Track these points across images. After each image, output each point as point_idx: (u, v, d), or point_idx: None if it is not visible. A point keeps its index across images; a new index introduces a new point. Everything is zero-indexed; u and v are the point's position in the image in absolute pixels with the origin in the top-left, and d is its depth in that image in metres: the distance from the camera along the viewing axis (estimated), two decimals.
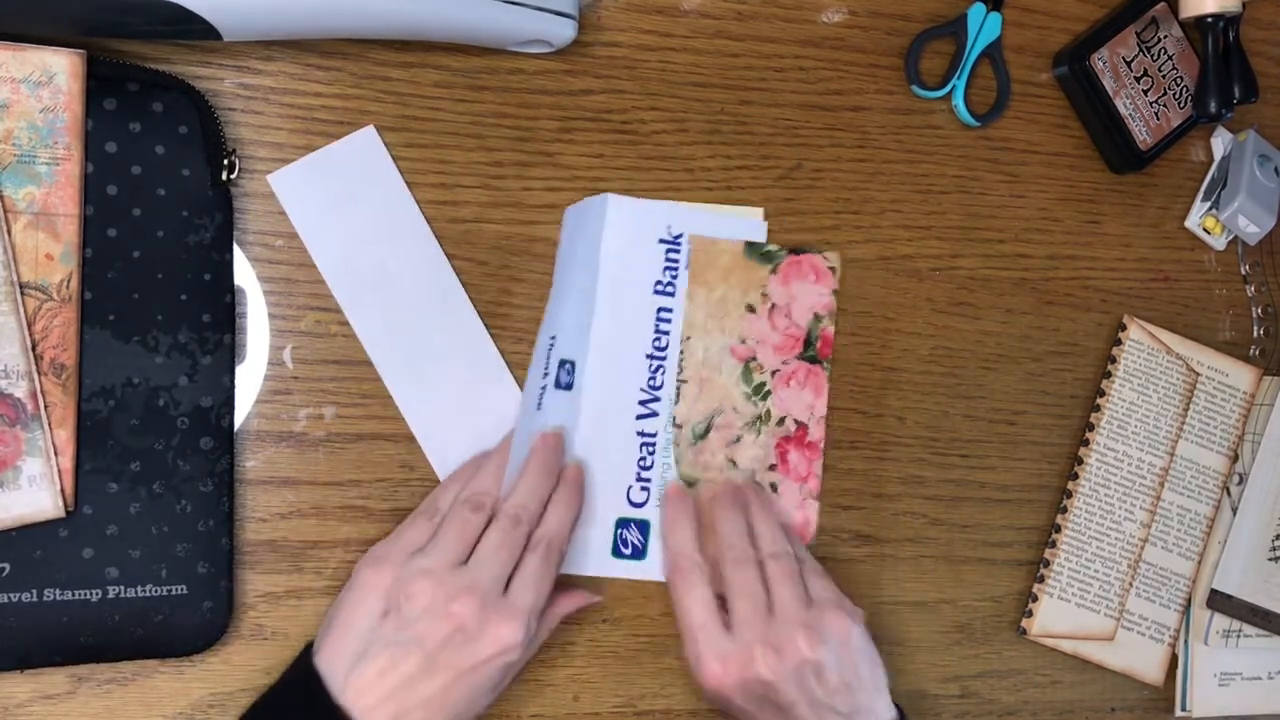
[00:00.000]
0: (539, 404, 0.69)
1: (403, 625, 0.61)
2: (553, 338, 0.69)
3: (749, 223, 0.73)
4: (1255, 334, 0.85)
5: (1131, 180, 0.82)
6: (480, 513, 0.65)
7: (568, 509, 0.67)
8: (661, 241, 0.71)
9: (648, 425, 0.71)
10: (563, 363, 0.70)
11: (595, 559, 0.71)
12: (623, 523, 0.71)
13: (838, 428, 0.76)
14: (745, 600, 0.67)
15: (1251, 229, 0.82)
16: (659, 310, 0.71)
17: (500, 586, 0.62)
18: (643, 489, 0.71)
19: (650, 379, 0.71)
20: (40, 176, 0.59)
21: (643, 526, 0.72)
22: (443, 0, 0.62)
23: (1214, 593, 0.82)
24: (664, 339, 0.71)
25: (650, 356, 0.71)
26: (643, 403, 0.71)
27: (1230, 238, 0.83)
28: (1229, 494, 0.83)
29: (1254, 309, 0.85)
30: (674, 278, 0.72)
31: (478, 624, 0.61)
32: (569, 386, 0.70)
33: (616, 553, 0.71)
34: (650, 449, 0.72)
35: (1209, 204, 0.83)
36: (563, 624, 0.71)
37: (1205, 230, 0.83)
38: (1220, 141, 0.83)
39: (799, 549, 0.72)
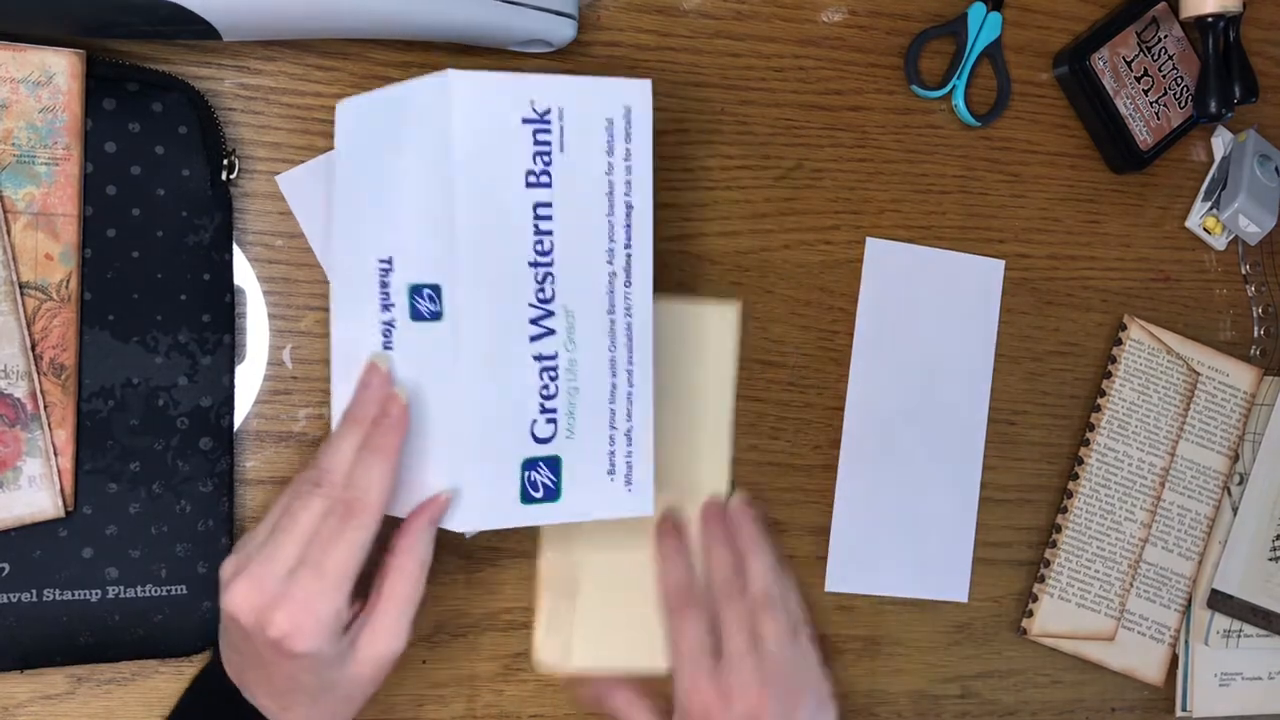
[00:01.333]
0: (386, 343, 0.60)
1: (229, 633, 0.58)
2: (384, 260, 0.60)
3: (631, 84, 0.61)
4: (1256, 334, 0.85)
5: (1132, 180, 0.82)
6: (312, 487, 0.58)
7: (376, 455, 0.57)
8: (527, 122, 0.58)
9: (545, 346, 0.60)
10: (417, 289, 0.59)
11: (502, 509, 0.60)
12: (530, 463, 0.60)
13: (838, 428, 0.76)
14: (736, 639, 0.63)
15: (1252, 229, 0.82)
16: (536, 207, 0.58)
17: (284, 566, 0.55)
18: (549, 421, 0.60)
19: (539, 290, 0.59)
20: (40, 177, 0.59)
21: (552, 464, 0.61)
22: (443, 0, 0.62)
23: (1214, 592, 0.82)
24: (547, 240, 0.59)
25: (535, 264, 0.59)
26: (535, 320, 0.59)
27: (1231, 238, 0.83)
28: (1229, 494, 0.83)
29: (1254, 309, 0.85)
30: (548, 164, 0.59)
31: (248, 614, 0.55)
32: (435, 316, 0.58)
33: (526, 498, 0.60)
34: (552, 374, 0.60)
35: (1209, 204, 0.83)
36: None
37: (1206, 230, 0.83)
38: (1220, 141, 0.83)
39: (789, 596, 0.67)
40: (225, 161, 0.63)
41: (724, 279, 0.74)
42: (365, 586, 0.57)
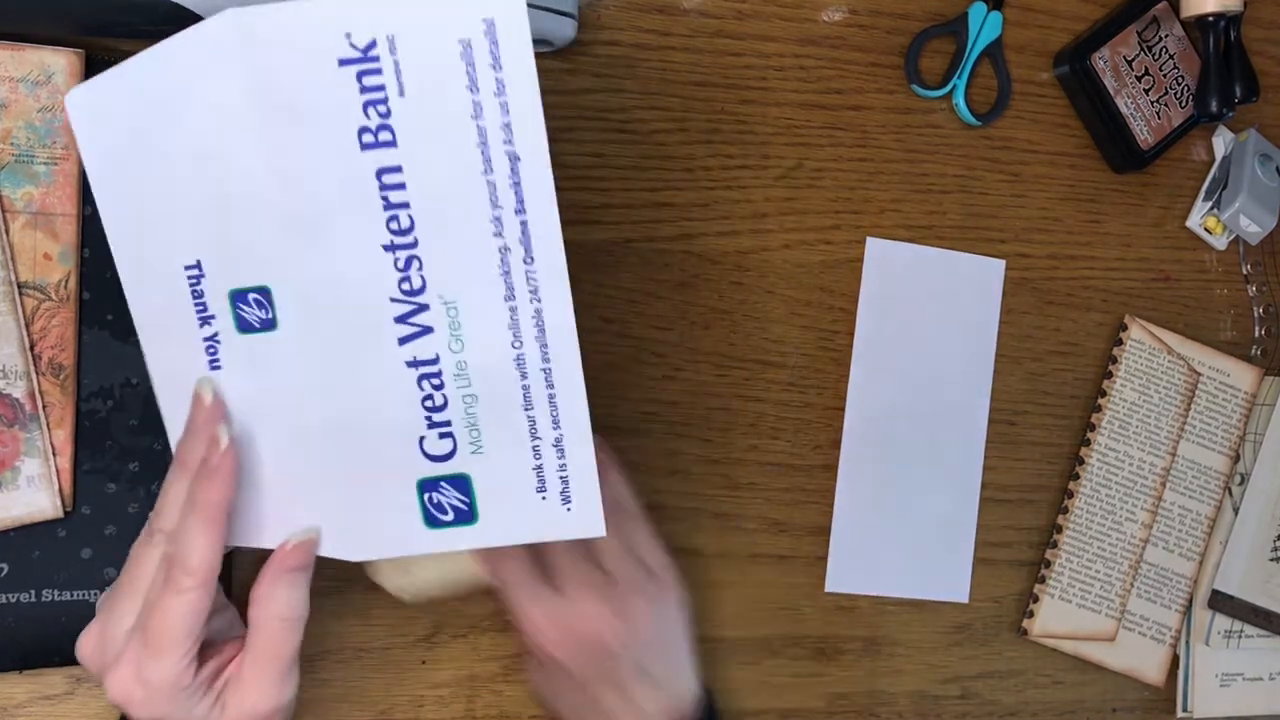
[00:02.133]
0: (213, 362, 0.50)
1: None
2: (192, 266, 0.49)
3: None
4: (1256, 334, 0.85)
5: (1132, 180, 0.82)
6: (149, 533, 0.53)
7: (196, 509, 0.49)
8: (346, 63, 0.44)
9: (421, 349, 0.49)
10: (239, 295, 0.48)
11: (402, 535, 0.51)
12: (427, 484, 0.51)
13: (838, 428, 0.76)
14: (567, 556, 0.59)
15: (1253, 229, 0.82)
16: (380, 174, 0.46)
17: (123, 625, 0.51)
18: (442, 436, 0.50)
19: (402, 279, 0.47)
20: (38, 176, 0.59)
21: (459, 482, 0.51)
22: None
23: (1215, 593, 0.82)
24: (403, 215, 0.46)
25: (391, 247, 0.47)
26: (402, 319, 0.48)
27: (1232, 237, 0.83)
28: (1230, 494, 0.83)
29: (1255, 309, 0.85)
30: (385, 115, 0.45)
31: (100, 676, 0.51)
32: (268, 325, 0.48)
33: (432, 521, 0.51)
34: (436, 380, 0.49)
35: (1210, 204, 0.82)
36: None
37: (1206, 230, 0.83)
38: (1221, 141, 0.83)
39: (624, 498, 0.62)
40: None
41: (724, 279, 0.74)
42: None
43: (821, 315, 0.76)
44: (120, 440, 0.61)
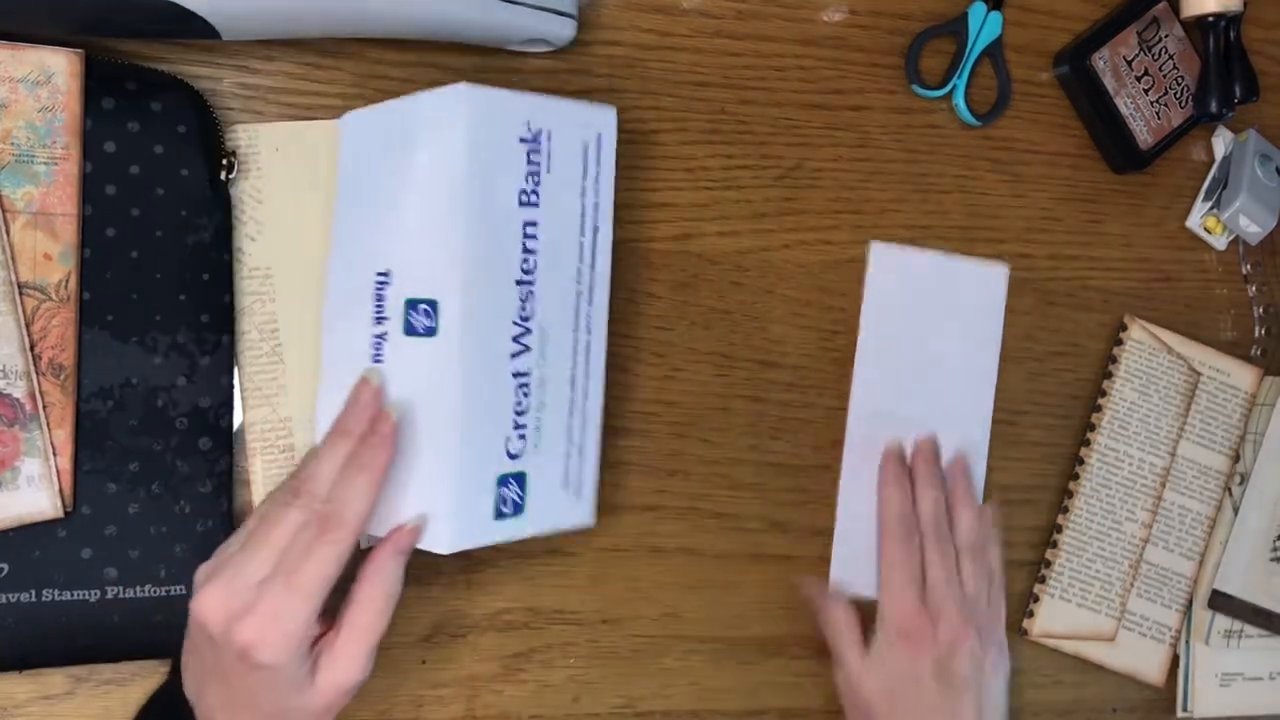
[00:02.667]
0: (376, 356, 0.60)
1: (195, 639, 0.57)
2: (382, 273, 0.60)
3: (599, 110, 0.64)
4: (1256, 333, 0.85)
5: (1132, 180, 0.82)
6: (291, 497, 0.57)
7: (362, 473, 0.56)
8: (523, 141, 0.60)
9: (521, 364, 0.61)
10: (413, 304, 0.58)
11: (478, 527, 0.60)
12: (503, 480, 0.61)
13: (838, 427, 0.76)
14: (941, 574, 0.70)
15: (1253, 229, 0.82)
16: (525, 225, 0.60)
17: (256, 576, 0.54)
18: (520, 437, 0.61)
19: (521, 309, 0.60)
20: (39, 176, 0.59)
21: (520, 479, 0.62)
22: (443, 0, 0.62)
23: (1215, 593, 0.82)
24: (531, 259, 0.60)
25: (520, 282, 0.60)
26: (516, 338, 0.60)
27: (1231, 237, 0.83)
28: (1230, 494, 0.83)
29: (1255, 309, 0.85)
30: (537, 185, 0.60)
31: (215, 622, 0.54)
32: (429, 332, 0.58)
33: (498, 514, 0.61)
34: (525, 390, 0.61)
35: (1210, 204, 0.82)
36: (563, 624, 0.71)
37: (1206, 230, 0.83)
38: (1221, 141, 0.83)
39: (991, 550, 0.74)
40: (225, 161, 0.63)
41: (724, 279, 0.74)
42: (336, 607, 0.56)
43: (821, 315, 0.76)
44: (120, 440, 0.61)
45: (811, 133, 0.75)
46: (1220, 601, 0.82)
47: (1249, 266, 0.85)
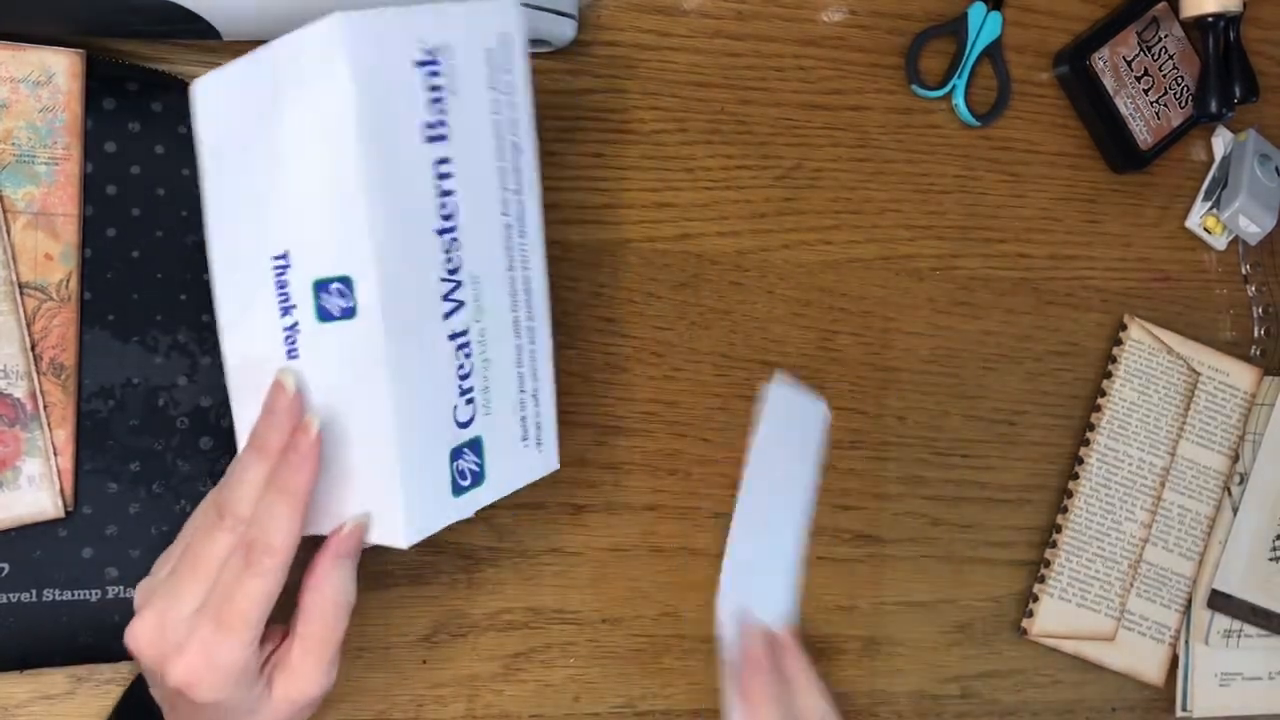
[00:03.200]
0: (291, 351, 0.52)
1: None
2: (279, 257, 0.51)
3: (497, 7, 0.53)
4: (1256, 334, 0.85)
5: (1132, 180, 0.82)
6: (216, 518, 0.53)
7: (282, 495, 0.50)
8: (419, 65, 0.49)
9: (456, 322, 0.52)
10: (323, 284, 0.50)
11: (437, 510, 0.54)
12: (457, 452, 0.54)
13: (838, 427, 0.76)
14: None
15: (1252, 229, 0.82)
16: (437, 164, 0.50)
17: (186, 608, 0.51)
18: (468, 402, 0.54)
19: (447, 262, 0.51)
20: (39, 176, 0.59)
21: (476, 445, 0.55)
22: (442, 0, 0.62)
23: (1215, 593, 0.82)
24: (450, 202, 0.51)
25: (442, 231, 0.51)
26: (447, 295, 0.52)
27: (1231, 237, 0.83)
28: (1230, 494, 0.83)
29: (1255, 309, 0.85)
30: (444, 113, 0.50)
31: (149, 657, 0.51)
32: (347, 314, 0.50)
33: (456, 489, 0.54)
34: (466, 351, 0.53)
35: (1210, 204, 0.82)
36: (563, 624, 0.71)
37: (1206, 230, 0.83)
38: (1221, 141, 0.83)
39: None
40: None
41: (724, 279, 0.74)
42: (288, 616, 0.54)
43: (821, 315, 0.76)
44: (121, 440, 0.61)
45: (811, 133, 0.75)
46: (1219, 601, 0.82)
47: (1248, 266, 0.85)
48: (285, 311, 0.51)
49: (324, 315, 0.50)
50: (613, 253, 0.72)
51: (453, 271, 0.52)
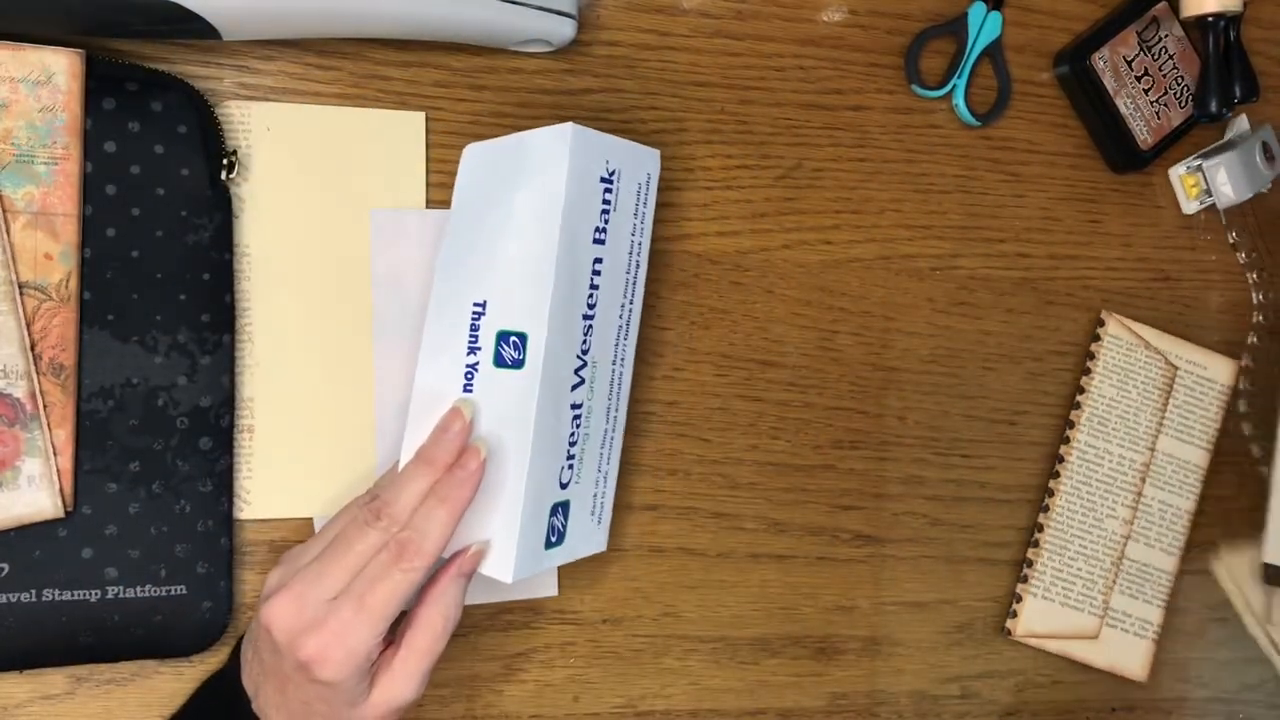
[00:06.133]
0: (467, 385, 0.60)
1: (259, 642, 0.58)
2: (479, 304, 0.60)
3: (648, 152, 0.64)
4: (1254, 319, 0.85)
5: (1132, 180, 0.82)
6: (372, 518, 0.58)
7: (442, 505, 0.57)
8: (602, 181, 0.61)
9: (577, 396, 0.62)
10: (504, 336, 0.59)
11: (533, 556, 0.61)
12: (554, 509, 0.62)
13: (838, 427, 0.76)
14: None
15: (1226, 189, 0.80)
16: (594, 262, 0.61)
17: (328, 592, 0.55)
18: (570, 468, 0.63)
19: (583, 343, 0.61)
20: (39, 176, 0.59)
21: (566, 509, 0.63)
22: (442, 0, 0.62)
23: (1268, 567, 0.82)
24: (595, 295, 0.61)
25: (585, 317, 0.61)
26: (576, 371, 0.62)
27: (1202, 206, 0.82)
28: (1261, 468, 0.84)
29: (1255, 298, 0.85)
30: (607, 223, 0.61)
31: (281, 632, 0.55)
32: (517, 365, 0.59)
33: (548, 543, 0.62)
34: (579, 422, 0.62)
35: (1198, 161, 0.82)
36: (563, 624, 0.71)
37: (1183, 186, 0.82)
38: (1237, 123, 0.83)
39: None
40: (225, 161, 0.63)
41: (724, 279, 0.74)
42: (396, 625, 0.58)
43: (821, 315, 0.76)
44: (121, 440, 0.61)
45: (811, 133, 0.75)
46: (1275, 574, 0.82)
47: (1234, 235, 0.85)
48: (471, 351, 0.60)
49: (500, 361, 0.59)
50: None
51: (585, 352, 0.62)
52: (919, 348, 0.78)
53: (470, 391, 0.60)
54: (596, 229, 0.61)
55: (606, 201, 0.61)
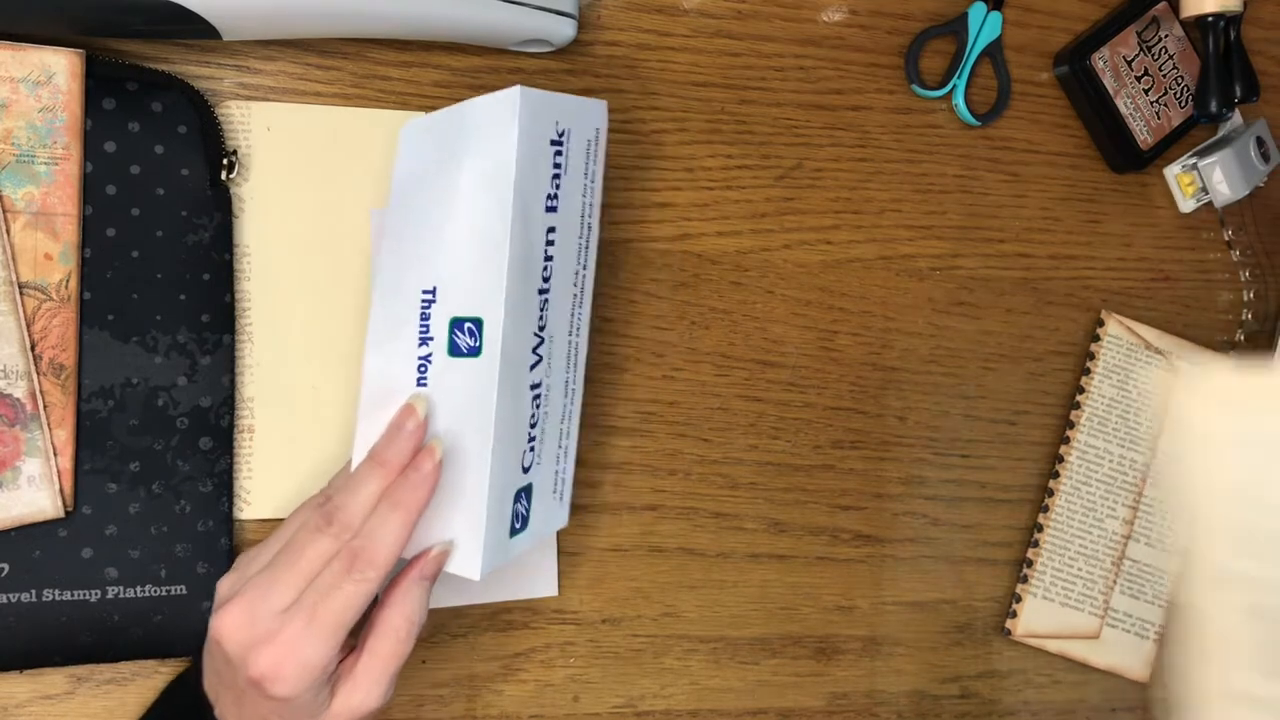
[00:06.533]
0: (420, 379, 0.56)
1: (212, 653, 0.56)
2: (428, 292, 0.55)
3: (595, 104, 0.60)
4: (1244, 317, 0.85)
5: (1132, 180, 0.82)
6: (323, 523, 0.55)
7: (396, 512, 0.54)
8: (552, 144, 0.56)
9: (536, 374, 0.58)
10: (458, 323, 0.55)
11: (499, 548, 0.58)
12: (517, 495, 0.59)
13: (838, 427, 0.76)
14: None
15: (1223, 187, 0.80)
16: (548, 232, 0.57)
17: (278, 603, 0.53)
18: (531, 450, 0.59)
19: (540, 318, 0.57)
20: (39, 176, 0.59)
21: (528, 493, 0.60)
22: (442, 0, 0.62)
23: None
24: (549, 267, 0.57)
25: (541, 291, 0.57)
26: (534, 349, 0.58)
27: (1200, 203, 0.82)
28: None
29: (1245, 295, 0.85)
30: (558, 188, 0.57)
31: (232, 645, 0.53)
32: (473, 353, 0.55)
33: (512, 531, 0.58)
34: (538, 402, 0.59)
35: (1194, 159, 0.82)
36: (562, 624, 0.71)
37: (1179, 185, 0.82)
38: (1232, 119, 0.83)
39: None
40: (225, 161, 0.63)
41: (724, 279, 0.74)
42: (357, 631, 0.56)
43: (821, 315, 0.76)
44: (121, 440, 0.61)
45: (811, 133, 0.75)
46: None
47: (1230, 232, 0.84)
48: (423, 342, 0.56)
49: (454, 350, 0.55)
50: (612, 252, 0.72)
51: (541, 328, 0.58)
52: (919, 348, 0.78)
53: (424, 385, 0.56)
54: (548, 196, 0.56)
55: (557, 165, 0.56)
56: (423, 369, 0.56)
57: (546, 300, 0.58)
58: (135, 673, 0.65)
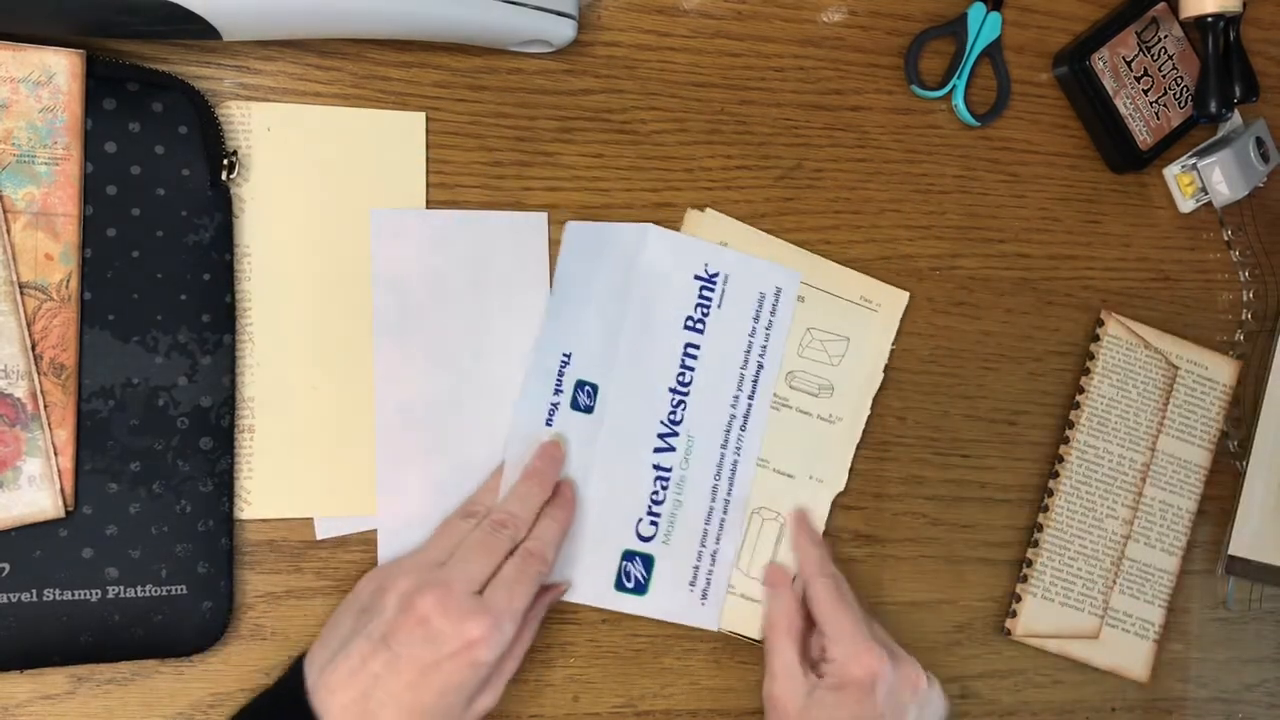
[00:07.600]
0: (548, 420, 0.70)
1: (374, 622, 0.60)
2: (566, 355, 0.70)
3: (787, 272, 0.73)
4: (1244, 317, 0.85)
5: (1131, 180, 0.82)
6: (472, 519, 0.66)
7: (556, 523, 0.67)
8: (697, 278, 0.72)
9: (664, 459, 0.71)
10: (581, 384, 0.70)
11: (596, 589, 0.71)
12: (628, 555, 0.71)
13: None
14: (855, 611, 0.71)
15: (1222, 187, 0.80)
16: (686, 346, 0.71)
17: (474, 586, 0.61)
18: (652, 523, 0.71)
19: (671, 413, 0.71)
20: (40, 176, 0.59)
21: (647, 561, 0.71)
22: (442, 0, 0.62)
23: (1232, 559, 0.83)
24: (688, 374, 0.71)
25: (673, 390, 0.71)
26: (661, 436, 0.71)
27: (1199, 204, 0.82)
28: (1236, 463, 0.84)
29: (1245, 295, 0.85)
30: (705, 315, 0.72)
31: (442, 618, 0.59)
32: (588, 410, 0.70)
33: (619, 585, 0.71)
34: (664, 483, 0.71)
35: (1193, 159, 0.82)
36: (562, 624, 0.71)
37: (1179, 185, 0.82)
38: (1232, 120, 0.83)
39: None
40: (225, 161, 0.63)
41: None
42: None
43: None
44: (121, 440, 0.61)
45: (811, 133, 0.75)
46: (1239, 566, 0.82)
47: (1230, 232, 0.85)
48: (556, 392, 0.70)
49: (575, 405, 0.70)
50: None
51: (674, 421, 0.72)
52: (919, 348, 0.78)
53: (551, 425, 0.70)
54: (689, 318, 0.71)
55: (705, 297, 0.72)
56: (551, 414, 0.70)
57: (682, 401, 0.71)
58: (135, 673, 0.65)
